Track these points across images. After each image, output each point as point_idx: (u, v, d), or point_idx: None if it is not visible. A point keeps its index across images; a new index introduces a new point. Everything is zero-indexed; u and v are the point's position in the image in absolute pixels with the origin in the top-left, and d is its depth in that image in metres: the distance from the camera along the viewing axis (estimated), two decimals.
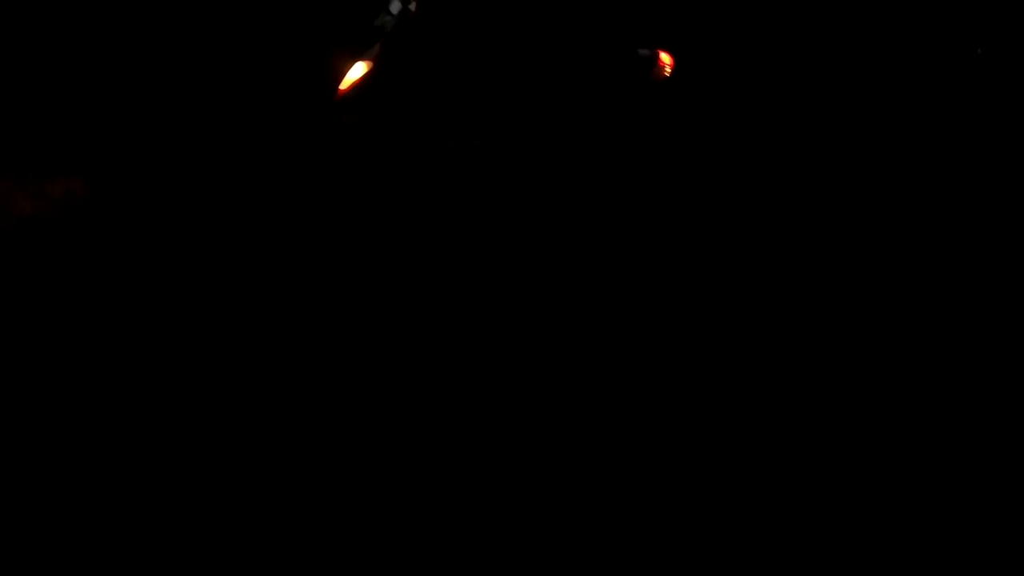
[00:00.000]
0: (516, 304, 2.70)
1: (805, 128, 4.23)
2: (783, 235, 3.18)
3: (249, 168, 3.71)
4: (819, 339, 2.64)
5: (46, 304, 2.82)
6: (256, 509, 2.01)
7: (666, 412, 2.40)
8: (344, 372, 2.45)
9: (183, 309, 2.73)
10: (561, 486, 2.15)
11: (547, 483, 2.15)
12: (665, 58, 3.47)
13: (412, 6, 3.18)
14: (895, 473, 2.33)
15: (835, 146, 4.18)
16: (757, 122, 3.97)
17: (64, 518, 1.97)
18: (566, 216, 3.12)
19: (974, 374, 2.64)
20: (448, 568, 1.91)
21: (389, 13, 3.16)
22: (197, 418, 2.28)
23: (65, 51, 4.27)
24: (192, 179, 3.75)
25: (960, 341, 2.73)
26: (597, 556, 1.98)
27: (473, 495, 2.09)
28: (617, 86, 3.36)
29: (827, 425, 2.42)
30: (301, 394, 2.38)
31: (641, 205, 3.22)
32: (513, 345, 2.55)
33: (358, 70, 3.20)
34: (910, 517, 2.19)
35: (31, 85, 4.34)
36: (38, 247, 3.33)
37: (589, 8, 3.51)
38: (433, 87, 3.09)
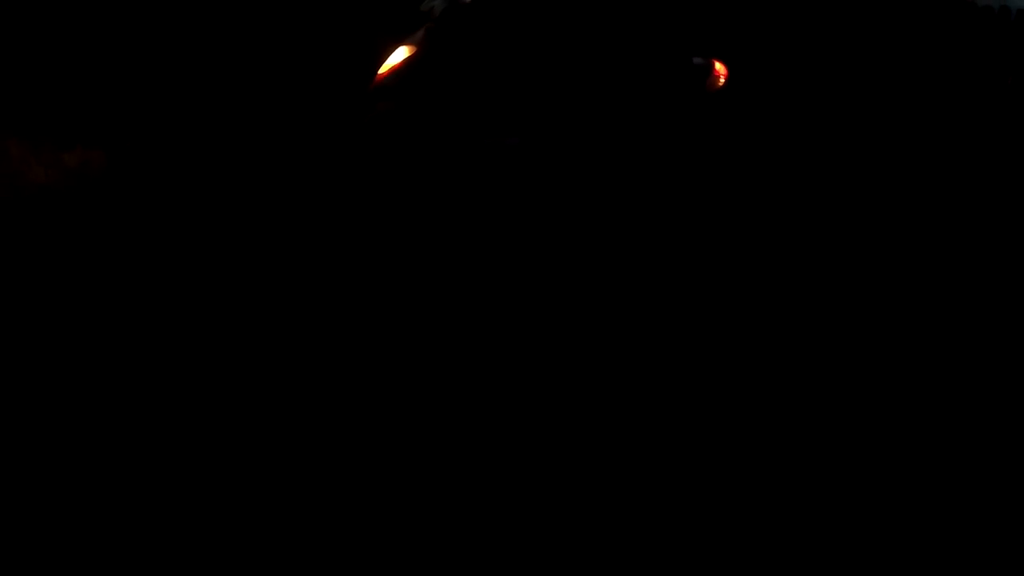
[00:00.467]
0: (541, 307, 2.60)
1: (853, 143, 4.18)
2: (834, 249, 3.11)
3: (276, 149, 3.58)
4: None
5: (52, 277, 2.70)
6: (256, 509, 1.94)
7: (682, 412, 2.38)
8: (357, 370, 2.37)
9: (193, 294, 2.62)
10: (562, 486, 2.12)
11: (548, 483, 2.12)
12: (719, 67, 3.36)
13: None
14: (895, 473, 2.31)
15: (880, 162, 4.13)
16: (812, 135, 3.88)
17: (63, 517, 1.88)
18: (599, 223, 2.99)
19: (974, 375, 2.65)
20: (448, 568, 1.87)
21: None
22: (201, 407, 2.18)
23: (96, 17, 4.14)
24: (216, 159, 3.62)
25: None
26: (597, 556, 1.94)
27: (473, 495, 2.06)
28: (670, 94, 3.23)
29: (828, 425, 2.41)
30: (320, 388, 2.29)
31: (686, 216, 3.09)
32: (538, 347, 2.47)
33: (399, 55, 3.06)
34: (910, 517, 2.16)
35: (61, 47, 4.21)
36: (50, 218, 3.20)
37: (645, 14, 3.38)
38: (476, 81, 2.95)
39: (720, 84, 3.34)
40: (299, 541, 1.89)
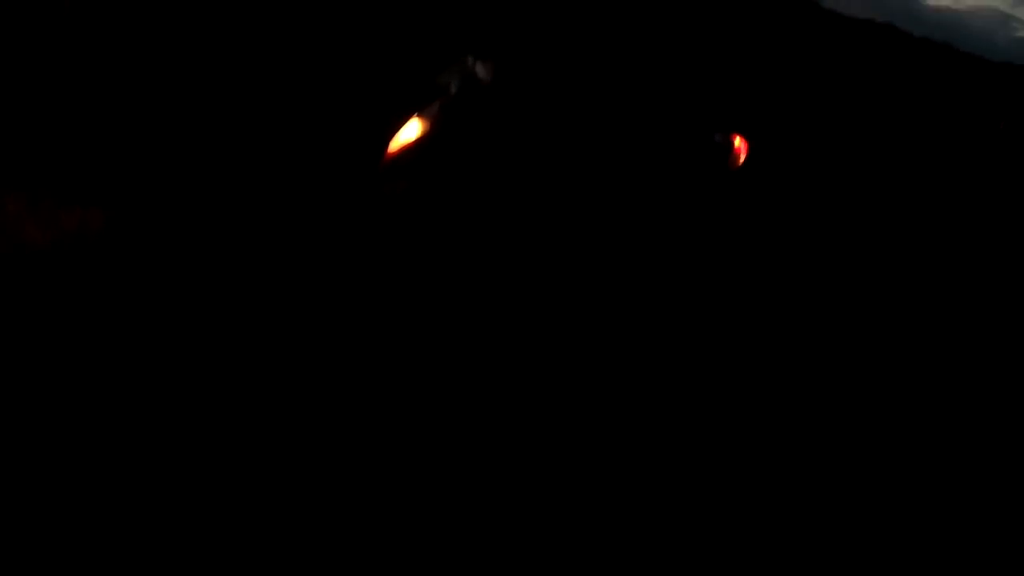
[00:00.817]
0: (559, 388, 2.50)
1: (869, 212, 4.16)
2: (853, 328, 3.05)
3: (280, 220, 3.47)
4: None
5: (48, 343, 2.59)
6: (256, 510, 2.02)
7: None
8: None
9: (194, 366, 2.51)
10: (560, 487, 2.16)
11: (547, 484, 2.16)
12: (740, 144, 3.27)
13: (485, 72, 2.92)
14: (895, 473, 2.33)
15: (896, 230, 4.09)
16: (833, 214, 3.82)
17: (65, 518, 1.94)
18: (617, 305, 2.89)
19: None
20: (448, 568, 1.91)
21: (457, 72, 2.90)
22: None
23: (103, 77, 4.07)
24: (220, 226, 3.52)
25: None
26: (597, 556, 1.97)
27: (473, 495, 2.10)
28: (692, 174, 3.13)
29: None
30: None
31: (707, 299, 3.00)
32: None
33: (412, 131, 2.94)
34: (910, 517, 2.17)
35: (64, 103, 4.12)
36: (44, 281, 3.09)
37: (665, 93, 3.30)
38: (494, 162, 2.82)
39: (741, 161, 3.25)
40: (299, 541, 1.91)
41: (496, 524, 2.04)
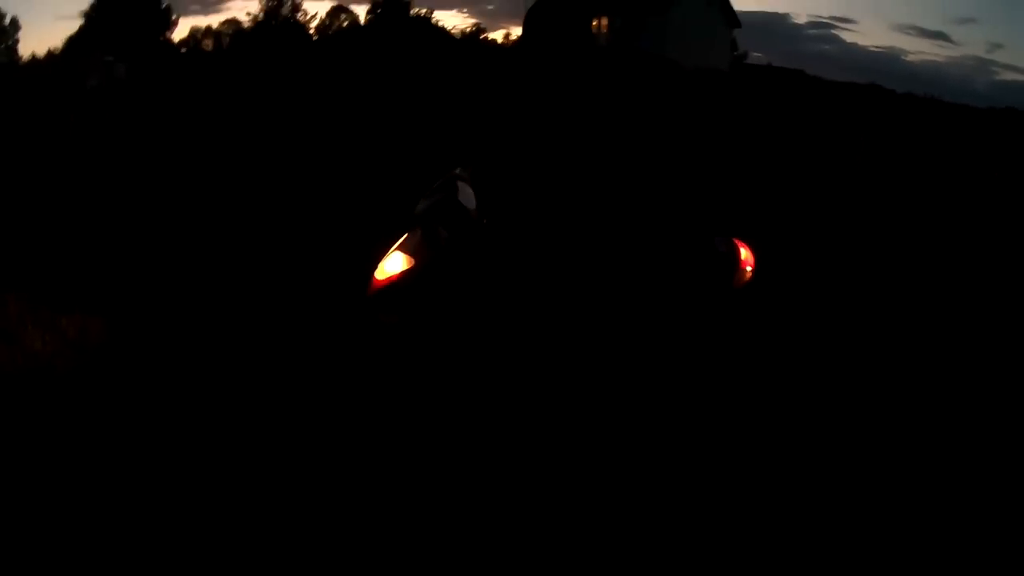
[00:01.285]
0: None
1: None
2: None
3: (275, 339, 3.39)
4: None
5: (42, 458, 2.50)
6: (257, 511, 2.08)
7: None
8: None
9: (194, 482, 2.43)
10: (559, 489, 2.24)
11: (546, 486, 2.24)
12: (745, 255, 3.12)
13: (467, 199, 2.86)
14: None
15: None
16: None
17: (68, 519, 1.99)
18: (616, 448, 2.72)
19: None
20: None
21: (438, 201, 2.84)
22: None
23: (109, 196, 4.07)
24: (217, 340, 3.48)
25: None
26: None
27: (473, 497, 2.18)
28: (693, 294, 2.94)
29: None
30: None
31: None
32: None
33: (397, 263, 2.87)
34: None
35: (70, 213, 4.12)
36: (42, 389, 3.01)
37: (657, 210, 3.12)
38: (490, 298, 2.70)
39: (748, 277, 3.14)
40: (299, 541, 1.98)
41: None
